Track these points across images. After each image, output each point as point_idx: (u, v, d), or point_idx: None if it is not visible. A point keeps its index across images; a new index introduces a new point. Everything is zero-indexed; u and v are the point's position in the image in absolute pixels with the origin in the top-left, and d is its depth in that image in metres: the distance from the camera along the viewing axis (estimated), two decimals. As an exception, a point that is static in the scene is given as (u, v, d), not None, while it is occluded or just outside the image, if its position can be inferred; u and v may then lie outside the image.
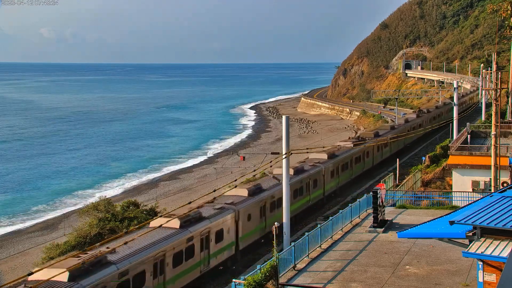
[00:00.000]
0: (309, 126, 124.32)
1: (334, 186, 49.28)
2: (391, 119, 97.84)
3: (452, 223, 16.86)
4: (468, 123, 50.92)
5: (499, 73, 34.38)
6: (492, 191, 30.71)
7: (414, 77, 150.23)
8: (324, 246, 27.38)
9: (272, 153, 43.02)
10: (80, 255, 23.28)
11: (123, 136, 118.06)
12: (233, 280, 21.39)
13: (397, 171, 49.41)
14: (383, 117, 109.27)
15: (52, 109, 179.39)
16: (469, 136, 47.80)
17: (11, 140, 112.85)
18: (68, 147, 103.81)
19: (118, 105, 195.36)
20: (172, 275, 26.98)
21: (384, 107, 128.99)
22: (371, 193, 31.44)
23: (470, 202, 24.84)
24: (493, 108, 33.75)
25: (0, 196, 66.94)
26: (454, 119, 56.13)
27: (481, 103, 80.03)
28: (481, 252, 15.82)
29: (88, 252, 23.83)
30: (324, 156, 48.47)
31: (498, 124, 32.94)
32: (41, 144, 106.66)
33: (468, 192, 36.61)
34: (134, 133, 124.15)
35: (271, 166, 32.84)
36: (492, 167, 32.69)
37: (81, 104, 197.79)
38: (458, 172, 39.70)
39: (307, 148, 40.99)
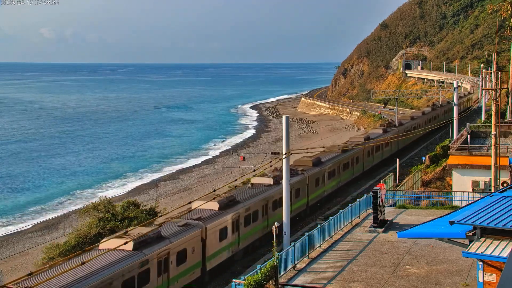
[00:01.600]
0: (309, 126, 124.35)
1: (229, 251, 32.97)
2: (390, 119, 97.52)
3: (452, 223, 16.86)
4: (468, 123, 50.94)
5: (499, 73, 34.40)
6: (492, 191, 30.71)
7: (414, 77, 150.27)
8: (324, 246, 27.37)
9: (272, 153, 42.87)
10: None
11: (124, 136, 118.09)
12: (233, 280, 21.40)
13: (397, 171, 49.40)
14: (383, 117, 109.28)
15: (52, 109, 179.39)
16: (469, 136, 47.80)
17: (12, 141, 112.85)
18: (69, 147, 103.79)
19: (119, 105, 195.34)
20: None
21: (384, 107, 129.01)
22: (371, 193, 31.45)
23: (470, 202, 24.84)
24: (493, 108, 33.76)
25: (1, 196, 66.97)
26: (454, 119, 56.12)
27: (481, 103, 79.88)
28: (481, 252, 15.82)
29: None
30: (214, 206, 32.53)
31: (498, 124, 32.96)
32: (40, 145, 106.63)
33: (468, 192, 36.61)
34: (135, 133, 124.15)
35: (271, 166, 32.70)
36: (492, 167, 32.70)
37: (81, 105, 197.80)
38: (458, 172, 39.70)
39: (307, 148, 40.62)
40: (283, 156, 30.91)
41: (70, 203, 62.88)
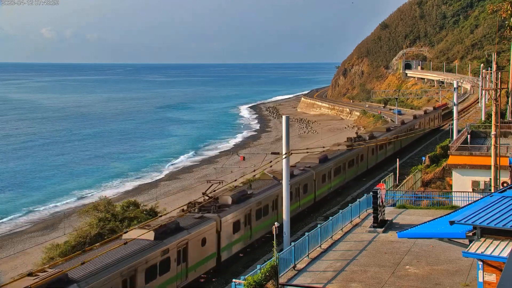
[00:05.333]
0: (309, 126, 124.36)
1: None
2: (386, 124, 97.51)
3: (452, 223, 16.86)
4: (468, 123, 50.91)
5: (499, 73, 34.41)
6: (492, 191, 30.71)
7: (414, 77, 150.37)
8: (324, 246, 27.37)
9: (272, 153, 42.80)
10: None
11: (124, 136, 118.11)
12: (233, 280, 21.40)
13: (397, 171, 49.40)
14: (383, 117, 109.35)
15: (51, 110, 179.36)
16: (469, 136, 47.79)
17: (12, 141, 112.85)
18: (69, 147, 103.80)
19: (119, 105, 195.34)
20: None
21: (384, 107, 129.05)
22: (371, 193, 31.44)
23: (470, 202, 24.84)
24: (493, 108, 33.77)
25: (1, 196, 66.97)
26: (454, 119, 56.13)
27: (481, 103, 79.66)
28: (481, 252, 15.82)
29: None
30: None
31: (498, 124, 32.96)
32: (40, 145, 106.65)
33: (468, 192, 36.60)
34: (135, 133, 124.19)
35: (271, 166, 32.65)
36: (492, 167, 32.70)
37: (81, 105, 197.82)
38: (458, 172, 39.69)
39: (307, 148, 40.68)
40: (283, 156, 30.90)
41: (70, 203, 62.89)
